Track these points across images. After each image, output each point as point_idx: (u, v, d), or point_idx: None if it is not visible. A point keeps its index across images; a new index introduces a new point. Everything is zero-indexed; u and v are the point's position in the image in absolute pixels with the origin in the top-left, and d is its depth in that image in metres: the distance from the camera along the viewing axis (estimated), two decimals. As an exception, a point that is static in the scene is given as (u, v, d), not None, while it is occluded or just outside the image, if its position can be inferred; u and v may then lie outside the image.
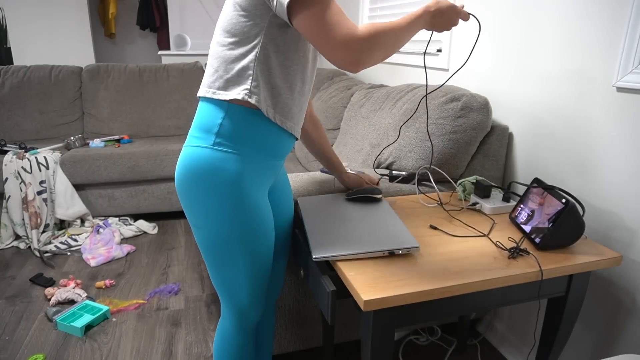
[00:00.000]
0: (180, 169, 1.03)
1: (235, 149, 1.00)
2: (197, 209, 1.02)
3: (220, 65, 1.00)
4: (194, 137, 1.03)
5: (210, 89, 1.02)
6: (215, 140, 1.00)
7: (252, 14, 0.95)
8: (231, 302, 1.12)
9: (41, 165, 2.64)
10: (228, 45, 0.98)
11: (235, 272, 1.07)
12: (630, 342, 1.28)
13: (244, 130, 1.00)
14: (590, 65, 1.32)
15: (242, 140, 1.01)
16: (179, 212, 3.14)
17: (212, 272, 1.09)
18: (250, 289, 1.10)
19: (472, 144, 1.58)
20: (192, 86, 3.36)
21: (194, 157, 1.00)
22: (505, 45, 1.66)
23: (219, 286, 1.10)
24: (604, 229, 1.33)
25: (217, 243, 1.03)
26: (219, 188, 0.99)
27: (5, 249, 2.60)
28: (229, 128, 1.00)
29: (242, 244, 1.04)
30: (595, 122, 1.33)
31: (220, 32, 1.00)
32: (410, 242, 1.06)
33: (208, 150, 1.00)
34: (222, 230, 1.02)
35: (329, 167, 1.40)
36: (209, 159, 0.99)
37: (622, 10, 1.21)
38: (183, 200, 1.04)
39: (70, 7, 4.41)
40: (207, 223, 1.02)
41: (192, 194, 1.01)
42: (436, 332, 1.86)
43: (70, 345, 1.79)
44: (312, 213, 1.24)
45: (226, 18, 0.99)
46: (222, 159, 0.99)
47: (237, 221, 1.01)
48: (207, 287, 2.22)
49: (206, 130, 1.01)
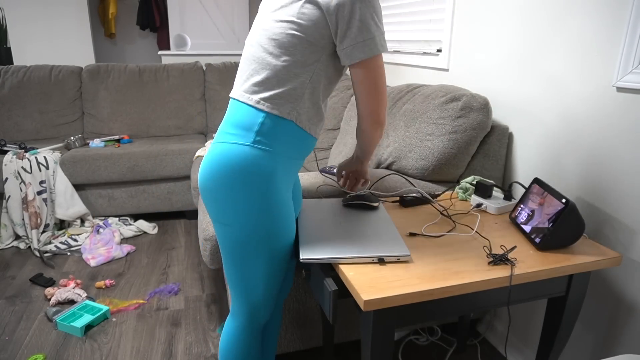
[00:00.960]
0: (213, 165, 1.02)
1: (272, 147, 1.02)
2: (228, 205, 1.02)
3: (270, 76, 1.01)
4: (229, 134, 1.03)
5: (253, 95, 1.02)
6: (256, 138, 1.01)
7: (315, 41, 0.98)
8: (245, 300, 1.12)
9: (41, 165, 2.64)
10: (281, 61, 1.00)
11: (255, 271, 1.07)
12: (630, 342, 1.28)
13: (279, 132, 1.02)
14: (590, 65, 1.32)
15: (277, 139, 1.02)
16: (179, 212, 3.14)
17: (231, 269, 1.09)
18: (266, 288, 1.11)
19: (472, 144, 1.58)
20: (192, 86, 3.36)
21: (232, 153, 1.00)
22: (505, 45, 1.66)
23: (235, 284, 1.10)
24: (604, 229, 1.33)
25: (242, 240, 1.04)
26: (255, 185, 1.00)
27: (5, 249, 2.60)
28: (269, 127, 1.01)
29: (267, 243, 1.04)
30: (595, 121, 1.33)
31: (270, 42, 1.01)
32: (401, 249, 1.05)
33: (248, 147, 1.00)
34: (250, 227, 1.02)
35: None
36: (248, 156, 1.00)
37: (622, 10, 1.21)
38: (212, 196, 1.03)
39: (70, 7, 4.40)
40: (237, 220, 1.02)
41: (224, 190, 1.01)
42: (436, 332, 1.86)
43: (70, 345, 1.79)
44: (309, 215, 1.24)
45: (278, 30, 1.00)
46: (261, 156, 1.00)
47: (267, 219, 1.02)
48: (207, 287, 2.22)
49: (246, 129, 1.01)
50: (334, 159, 2.24)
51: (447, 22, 1.99)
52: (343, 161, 1.37)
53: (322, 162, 2.48)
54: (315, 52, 0.99)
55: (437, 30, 2.11)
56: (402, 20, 2.44)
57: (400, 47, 2.47)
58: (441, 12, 2.06)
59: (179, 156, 2.82)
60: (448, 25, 1.98)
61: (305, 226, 1.17)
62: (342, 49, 0.99)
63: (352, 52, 0.98)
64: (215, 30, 4.66)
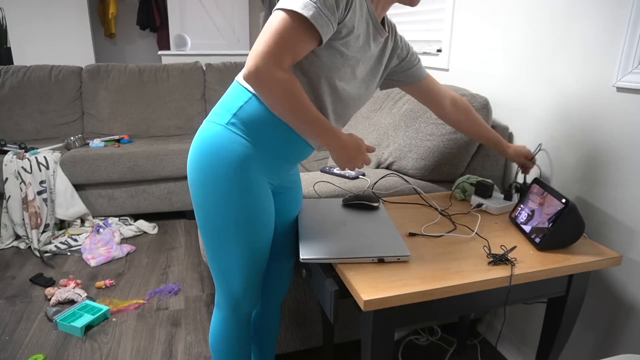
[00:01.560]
0: (193, 144, 1.05)
1: (247, 135, 1.01)
2: (200, 187, 1.03)
3: None
4: (214, 112, 1.05)
5: (242, 73, 0.99)
6: (230, 120, 1.01)
7: None
8: (226, 290, 1.12)
9: (41, 165, 2.64)
10: None
11: (231, 258, 1.07)
12: (630, 342, 1.28)
13: (261, 122, 1.01)
14: (590, 65, 1.32)
15: (257, 130, 1.01)
16: (179, 212, 3.14)
17: (209, 255, 1.10)
18: (244, 278, 1.10)
19: (472, 144, 1.58)
20: (192, 86, 3.36)
21: (207, 132, 1.03)
22: (505, 45, 1.66)
23: (215, 271, 1.11)
24: (604, 228, 1.33)
25: (215, 225, 1.04)
26: (223, 168, 1.00)
27: (5, 249, 2.60)
28: (248, 113, 1.01)
29: (239, 229, 1.04)
30: (595, 122, 1.33)
31: None
32: (401, 249, 1.05)
33: (221, 127, 1.01)
34: (220, 211, 1.02)
35: (488, 145, 1.39)
36: (218, 137, 1.01)
37: (622, 10, 1.21)
38: (190, 176, 1.06)
39: (70, 7, 4.40)
40: (207, 202, 1.03)
41: (197, 171, 1.03)
42: (436, 332, 1.86)
43: (70, 345, 1.79)
44: (309, 215, 1.24)
45: None
46: (231, 139, 1.00)
47: (236, 205, 1.02)
48: (207, 287, 2.22)
49: (226, 109, 1.03)
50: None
51: (447, 22, 1.99)
52: (508, 157, 1.41)
53: (322, 162, 2.48)
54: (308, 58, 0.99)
55: (437, 30, 2.11)
56: (402, 20, 2.44)
57: (400, 47, 2.47)
58: (441, 12, 2.06)
59: (179, 156, 2.82)
60: (448, 25, 1.98)
61: (305, 226, 1.17)
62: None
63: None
64: (215, 30, 4.66)
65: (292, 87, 0.93)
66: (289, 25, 0.89)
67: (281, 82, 0.91)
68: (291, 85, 0.92)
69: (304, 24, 0.90)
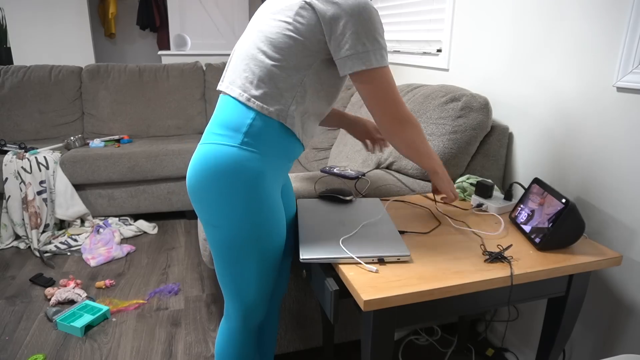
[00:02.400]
0: (200, 166, 1.01)
1: (257, 149, 1.01)
2: (216, 207, 1.01)
3: (263, 75, 1.00)
4: (217, 134, 1.02)
5: (245, 92, 1.02)
6: (244, 140, 1.00)
7: (310, 45, 0.98)
8: (238, 301, 1.12)
9: (41, 165, 2.64)
10: (274, 61, 1.00)
11: (247, 271, 1.07)
12: (630, 342, 1.28)
13: (268, 133, 1.02)
14: (590, 65, 1.32)
15: (265, 141, 1.02)
16: (179, 212, 3.14)
17: (222, 271, 1.09)
18: (258, 288, 1.10)
19: (472, 144, 1.58)
20: (192, 86, 3.36)
21: (219, 154, 1.00)
22: (505, 45, 1.66)
23: (228, 285, 1.10)
24: (604, 229, 1.33)
25: (232, 242, 1.03)
26: (242, 186, 1.00)
27: (5, 249, 2.60)
28: (257, 129, 1.01)
29: (257, 243, 1.04)
30: (595, 122, 1.33)
31: (265, 41, 1.01)
32: (401, 249, 1.05)
33: (235, 149, 1.00)
34: (239, 229, 1.02)
35: (339, 124, 1.39)
36: (236, 157, 0.99)
37: (622, 10, 1.21)
38: (200, 197, 1.03)
39: (70, 7, 4.41)
40: (225, 221, 1.02)
41: (211, 192, 1.01)
42: (436, 332, 1.86)
43: (70, 345, 1.79)
44: (309, 215, 1.24)
45: (276, 29, 1.00)
46: (248, 158, 1.00)
47: (255, 220, 1.02)
48: (207, 287, 2.22)
49: (234, 129, 1.01)
50: (334, 158, 2.24)
51: (447, 22, 1.99)
52: (353, 134, 1.42)
53: (322, 162, 2.48)
54: (308, 57, 0.99)
55: (437, 30, 2.11)
56: (402, 20, 2.44)
57: (400, 47, 2.47)
58: (441, 12, 2.06)
59: (179, 156, 2.82)
60: (448, 25, 1.98)
61: (305, 226, 1.17)
62: (337, 59, 1.00)
63: (346, 63, 0.98)
64: (215, 30, 4.65)
65: (418, 124, 1.11)
66: (387, 75, 1.02)
67: (413, 122, 1.09)
68: (417, 121, 1.11)
69: (386, 67, 1.03)
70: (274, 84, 1.00)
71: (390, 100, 1.03)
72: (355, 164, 1.97)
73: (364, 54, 0.97)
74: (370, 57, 0.98)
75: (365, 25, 0.96)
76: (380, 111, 1.04)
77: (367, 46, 0.97)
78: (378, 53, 0.99)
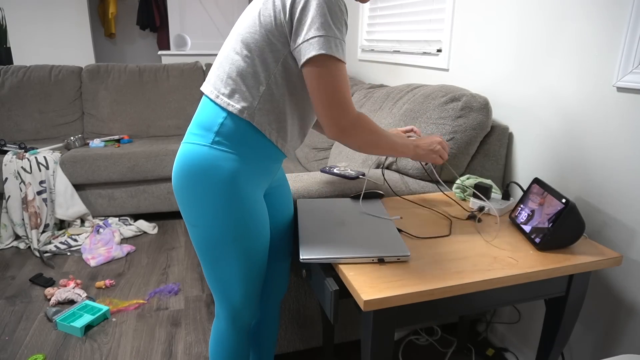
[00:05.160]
0: (177, 166, 1.03)
1: (233, 149, 1.01)
2: (193, 206, 1.02)
3: (231, 72, 1.00)
4: (192, 134, 1.04)
5: (215, 90, 1.02)
6: (215, 139, 1.00)
7: (274, 39, 0.97)
8: (225, 302, 1.12)
9: (41, 165, 2.64)
10: (243, 57, 0.99)
11: (229, 271, 1.07)
12: (630, 342, 1.28)
13: (241, 134, 1.01)
14: (590, 65, 1.32)
15: (239, 141, 1.01)
16: (179, 212, 3.14)
17: (207, 270, 1.09)
18: (243, 289, 1.10)
19: (472, 144, 1.58)
20: (192, 86, 3.36)
21: (191, 154, 1.01)
22: (505, 45, 1.66)
23: (213, 285, 1.11)
24: (604, 229, 1.33)
25: (211, 241, 1.04)
26: (215, 186, 1.00)
27: (5, 249, 2.60)
28: (229, 128, 1.01)
29: (236, 243, 1.04)
30: (595, 122, 1.33)
31: (238, 39, 1.00)
32: (401, 249, 1.05)
33: (206, 148, 1.00)
34: (216, 228, 1.02)
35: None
36: (206, 157, 1.00)
37: (622, 10, 1.21)
38: (179, 197, 1.04)
39: (70, 7, 4.40)
40: (202, 221, 1.02)
41: (187, 192, 1.02)
42: (436, 332, 1.86)
43: (70, 345, 1.79)
44: (309, 215, 1.24)
45: (247, 28, 0.99)
46: (219, 157, 1.00)
47: (232, 220, 1.02)
48: (207, 287, 2.22)
49: (206, 129, 1.01)
50: (334, 158, 2.24)
51: (447, 22, 1.99)
52: None
53: (322, 162, 2.48)
54: (275, 52, 0.98)
55: (437, 30, 2.11)
56: (402, 20, 2.44)
57: (400, 47, 2.47)
58: (441, 12, 2.06)
59: (179, 156, 2.82)
60: (448, 25, 1.98)
61: (305, 226, 1.17)
62: (294, 48, 0.96)
63: (301, 50, 0.94)
64: (215, 30, 4.65)
65: (369, 125, 1.04)
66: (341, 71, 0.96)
67: (360, 128, 1.02)
68: (367, 122, 1.03)
69: (342, 62, 0.97)
70: (241, 80, 0.99)
71: (333, 100, 0.96)
72: (355, 164, 1.97)
73: (319, 38, 0.92)
74: (324, 42, 0.92)
75: (323, 9, 0.92)
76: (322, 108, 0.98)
77: (323, 31, 0.92)
78: (336, 42, 0.94)
